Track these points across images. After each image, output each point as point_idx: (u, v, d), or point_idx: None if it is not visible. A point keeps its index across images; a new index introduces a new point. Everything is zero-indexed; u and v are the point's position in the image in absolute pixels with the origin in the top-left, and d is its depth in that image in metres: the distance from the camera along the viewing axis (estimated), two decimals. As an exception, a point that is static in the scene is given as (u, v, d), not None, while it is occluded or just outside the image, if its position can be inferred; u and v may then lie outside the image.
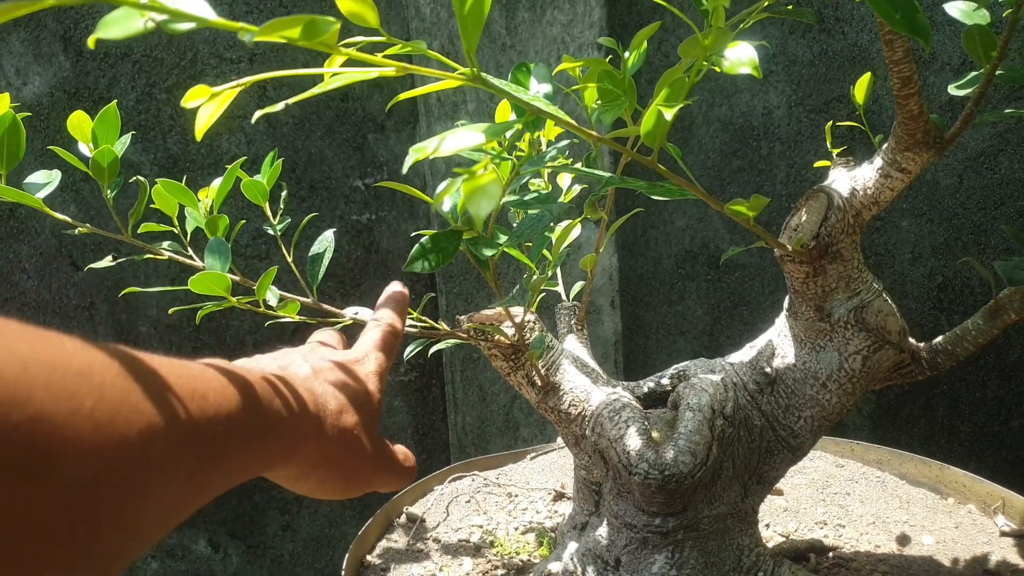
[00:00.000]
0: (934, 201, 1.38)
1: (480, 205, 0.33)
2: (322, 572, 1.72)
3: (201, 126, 0.39)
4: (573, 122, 0.47)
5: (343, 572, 0.81)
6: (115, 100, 0.70)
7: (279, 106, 0.38)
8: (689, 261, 1.49)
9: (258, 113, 0.39)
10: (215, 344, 1.57)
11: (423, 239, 0.52)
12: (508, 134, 0.61)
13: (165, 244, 0.74)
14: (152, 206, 0.73)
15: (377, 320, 0.55)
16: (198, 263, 0.70)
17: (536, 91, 0.51)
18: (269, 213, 0.76)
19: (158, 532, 0.29)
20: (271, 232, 0.77)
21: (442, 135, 0.40)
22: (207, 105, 0.38)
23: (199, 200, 0.70)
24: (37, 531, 0.23)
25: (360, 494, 0.48)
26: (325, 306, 0.73)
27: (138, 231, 0.74)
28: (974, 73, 0.63)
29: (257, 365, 0.47)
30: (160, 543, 1.70)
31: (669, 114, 0.43)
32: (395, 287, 0.59)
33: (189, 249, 0.73)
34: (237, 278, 0.69)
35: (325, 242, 0.74)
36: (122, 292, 0.71)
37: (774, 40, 1.36)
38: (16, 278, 1.56)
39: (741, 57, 0.41)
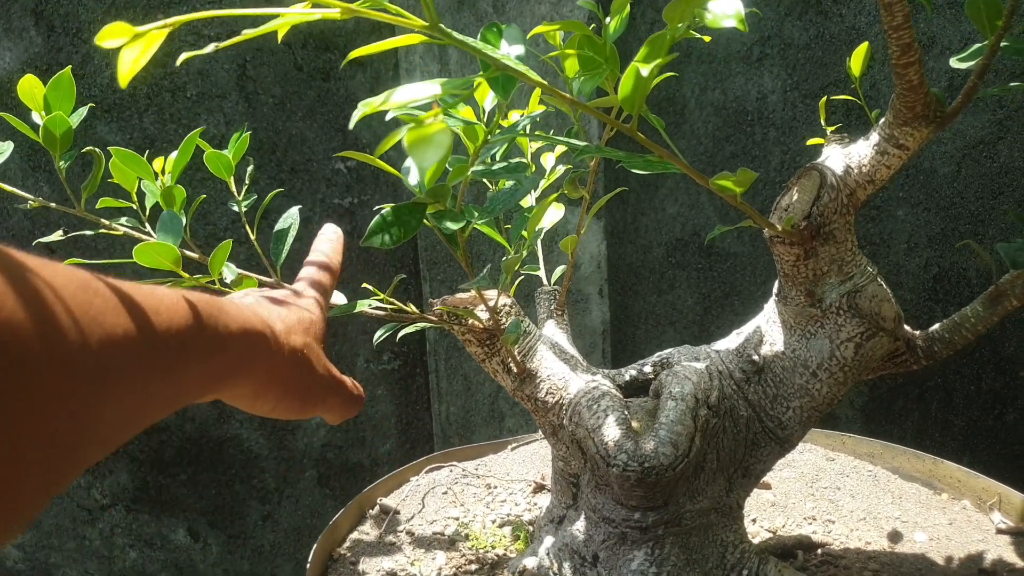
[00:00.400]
0: (931, 190, 1.35)
1: (425, 156, 0.29)
2: (303, 563, 1.69)
3: (125, 71, 0.35)
4: (544, 82, 0.43)
5: (308, 565, 0.78)
6: (69, 67, 0.66)
7: (208, 48, 0.34)
8: (680, 249, 1.46)
9: (183, 56, 0.35)
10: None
11: (384, 211, 0.49)
12: (488, 105, 0.58)
13: (122, 219, 0.70)
14: (111, 180, 0.69)
15: (311, 261, 0.57)
16: (155, 239, 0.66)
17: (507, 51, 0.47)
18: (234, 189, 0.72)
19: (116, 439, 0.30)
20: (236, 209, 0.74)
21: (393, 88, 0.36)
22: (130, 48, 0.34)
23: (156, 173, 0.66)
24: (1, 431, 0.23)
25: (314, 415, 0.50)
26: (287, 285, 0.69)
27: (95, 207, 0.71)
28: (978, 45, 0.59)
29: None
30: (138, 532, 1.66)
31: (646, 70, 0.39)
32: (329, 228, 0.61)
33: (147, 225, 0.69)
34: (195, 255, 0.66)
35: (290, 219, 0.71)
36: (66, 262, 0.67)
37: (769, 22, 1.32)
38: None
39: (725, 9, 0.37)
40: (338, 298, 0.70)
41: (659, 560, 0.65)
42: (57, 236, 0.66)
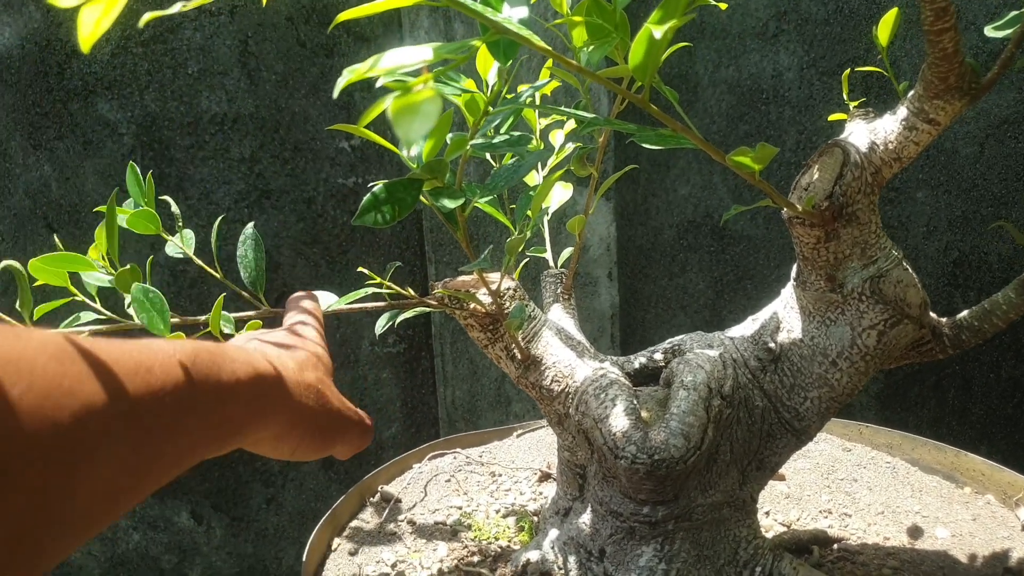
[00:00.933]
0: (952, 171, 1.30)
1: (411, 127, 0.26)
2: (306, 547, 1.67)
3: (87, 34, 0.32)
4: (548, 47, 0.39)
5: (306, 554, 0.75)
6: (54, 52, 0.62)
7: (175, 8, 0.31)
8: (691, 231, 1.42)
9: (147, 16, 0.32)
10: (196, 313, 1.51)
11: (376, 188, 0.45)
12: (492, 79, 0.54)
13: (82, 317, 0.62)
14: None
15: (292, 312, 0.56)
16: (131, 323, 0.60)
17: (508, 14, 0.44)
18: (169, 237, 0.65)
19: (109, 508, 0.29)
20: (179, 254, 0.66)
21: (380, 54, 0.33)
22: (91, 7, 0.31)
23: (93, 260, 0.60)
24: None
25: (333, 451, 0.49)
26: (281, 329, 0.64)
27: (35, 319, 0.63)
28: (1015, 12, 0.55)
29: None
30: (141, 514, 1.65)
31: (659, 32, 0.35)
32: (301, 297, 0.58)
33: (107, 312, 0.62)
34: (176, 320, 0.60)
35: (249, 239, 0.63)
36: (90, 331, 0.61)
37: (787, -4, 1.28)
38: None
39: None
40: (328, 298, 0.65)
41: (669, 556, 0.62)
42: None
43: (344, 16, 0.38)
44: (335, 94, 0.31)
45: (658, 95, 0.42)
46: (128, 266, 0.56)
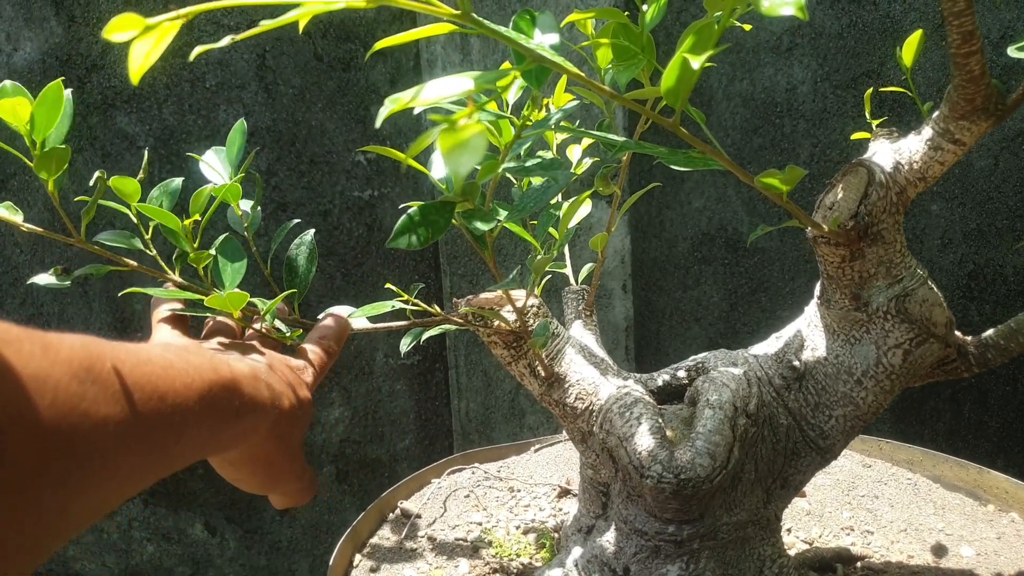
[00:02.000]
0: (967, 184, 1.30)
1: (460, 161, 0.27)
2: (320, 558, 1.67)
3: (136, 67, 0.32)
4: (581, 73, 0.40)
5: (330, 570, 0.76)
6: (61, 79, 0.61)
7: (224, 41, 0.32)
8: (706, 244, 1.42)
9: (198, 49, 0.32)
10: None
11: (411, 211, 0.46)
12: (512, 97, 0.55)
13: (116, 236, 0.63)
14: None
15: (321, 337, 0.58)
16: (171, 276, 0.61)
17: (540, 41, 0.44)
18: (241, 212, 0.64)
19: (99, 514, 0.31)
20: (243, 234, 0.66)
21: (422, 84, 0.34)
22: (142, 41, 0.31)
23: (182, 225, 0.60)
24: None
25: (270, 492, 0.53)
26: (307, 322, 0.64)
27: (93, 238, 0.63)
28: (1038, 33, 0.56)
29: (223, 356, 0.45)
30: (155, 526, 1.65)
31: (697, 63, 0.36)
32: (337, 311, 0.61)
33: (152, 249, 0.62)
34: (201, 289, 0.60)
35: (304, 247, 0.63)
36: (122, 292, 0.63)
37: (801, 10, 1.28)
38: (8, 252, 1.50)
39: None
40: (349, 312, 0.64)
41: (694, 575, 0.62)
42: (54, 277, 0.60)
43: (380, 45, 0.38)
44: (377, 124, 0.32)
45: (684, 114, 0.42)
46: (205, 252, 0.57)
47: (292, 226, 0.63)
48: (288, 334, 0.59)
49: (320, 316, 0.61)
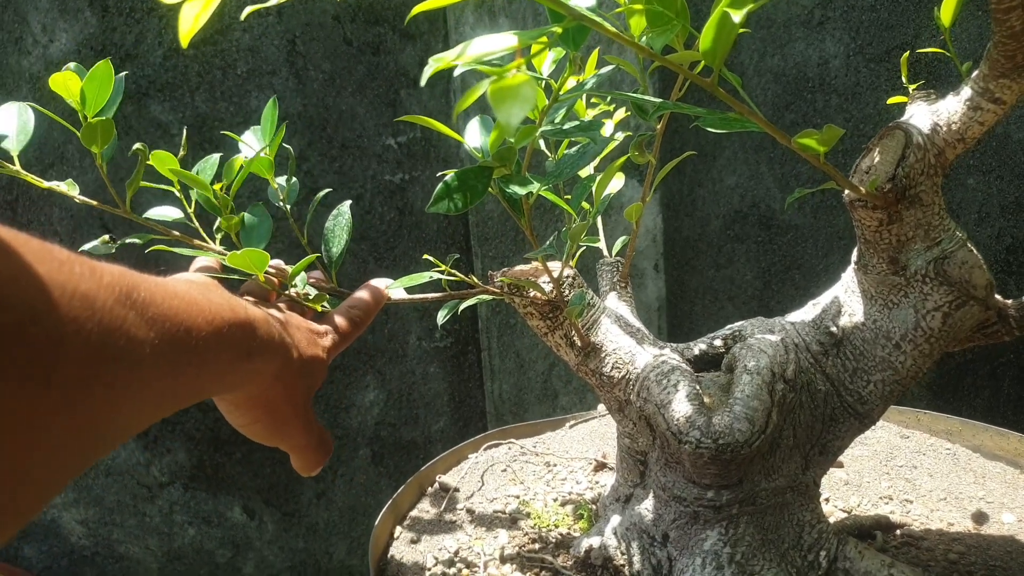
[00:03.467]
0: (1004, 157, 1.28)
1: (511, 111, 0.27)
2: (357, 541, 1.70)
3: (186, 30, 0.33)
4: (619, 32, 0.40)
5: (371, 542, 0.77)
6: (107, 58, 0.63)
7: (274, 1, 0.33)
8: (739, 222, 1.41)
9: (248, 9, 0.33)
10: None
11: (448, 177, 0.47)
12: (547, 69, 0.55)
13: (168, 210, 0.65)
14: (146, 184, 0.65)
15: (348, 305, 0.60)
16: (211, 246, 0.62)
17: (578, 2, 0.44)
18: (276, 186, 0.66)
19: (139, 424, 0.34)
20: (279, 205, 0.68)
21: (467, 41, 0.34)
22: (191, 4, 0.32)
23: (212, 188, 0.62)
24: (29, 427, 0.26)
25: (280, 445, 0.55)
26: (342, 290, 0.66)
27: (142, 215, 0.65)
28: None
29: (241, 300, 0.48)
30: (196, 510, 1.68)
31: (738, 16, 0.36)
32: (377, 282, 0.63)
33: (195, 221, 0.64)
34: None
35: (341, 216, 0.65)
36: (150, 248, 0.64)
37: (833, -18, 1.26)
38: (47, 241, 1.53)
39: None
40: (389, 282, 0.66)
41: (733, 540, 0.62)
42: (101, 245, 0.63)
43: (419, 8, 0.39)
44: (423, 82, 0.32)
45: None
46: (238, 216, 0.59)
47: (324, 195, 0.65)
48: (315, 299, 0.61)
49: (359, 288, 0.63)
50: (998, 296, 0.62)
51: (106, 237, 0.61)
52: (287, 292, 0.60)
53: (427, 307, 1.54)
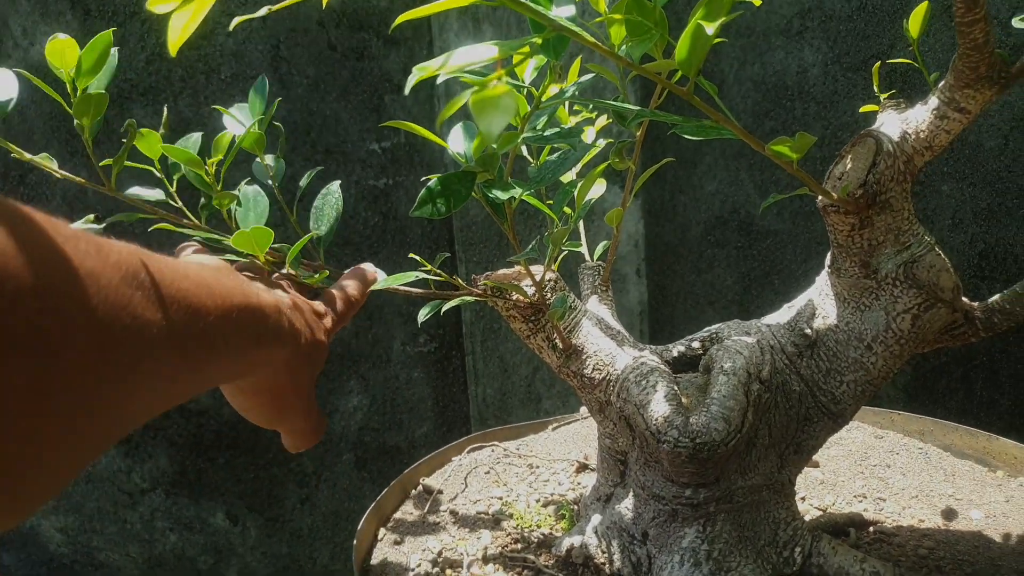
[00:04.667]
0: (977, 164, 1.31)
1: (492, 120, 0.28)
2: (341, 546, 1.70)
3: (175, 39, 0.34)
4: (598, 43, 0.42)
5: (355, 543, 0.78)
6: (112, 28, 0.65)
7: (261, 12, 0.34)
8: (719, 228, 1.43)
9: (237, 19, 0.34)
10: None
11: (431, 182, 0.48)
12: (528, 76, 0.56)
13: (151, 194, 0.67)
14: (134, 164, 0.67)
15: (342, 286, 0.61)
16: (197, 223, 0.64)
17: (557, 13, 0.46)
18: (265, 163, 0.69)
19: (144, 416, 0.34)
20: (269, 183, 0.71)
21: (449, 53, 0.35)
22: (180, 12, 0.33)
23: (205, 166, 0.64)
24: (38, 407, 0.26)
25: (279, 428, 0.55)
26: (332, 268, 0.68)
27: (125, 191, 0.68)
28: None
29: (253, 285, 0.48)
30: (177, 516, 1.68)
31: (711, 28, 0.37)
32: (366, 266, 0.64)
33: (177, 200, 0.66)
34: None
35: (330, 195, 0.68)
36: (152, 227, 0.65)
37: (810, -8, 1.29)
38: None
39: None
40: (380, 275, 0.68)
41: (711, 537, 0.64)
42: (89, 223, 0.64)
43: (404, 17, 0.40)
44: (407, 91, 0.34)
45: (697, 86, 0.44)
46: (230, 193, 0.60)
47: (317, 172, 0.67)
48: (315, 277, 0.62)
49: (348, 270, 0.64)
50: (965, 299, 0.64)
51: (91, 217, 0.62)
52: (282, 273, 0.61)
53: (411, 312, 1.55)
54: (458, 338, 1.57)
